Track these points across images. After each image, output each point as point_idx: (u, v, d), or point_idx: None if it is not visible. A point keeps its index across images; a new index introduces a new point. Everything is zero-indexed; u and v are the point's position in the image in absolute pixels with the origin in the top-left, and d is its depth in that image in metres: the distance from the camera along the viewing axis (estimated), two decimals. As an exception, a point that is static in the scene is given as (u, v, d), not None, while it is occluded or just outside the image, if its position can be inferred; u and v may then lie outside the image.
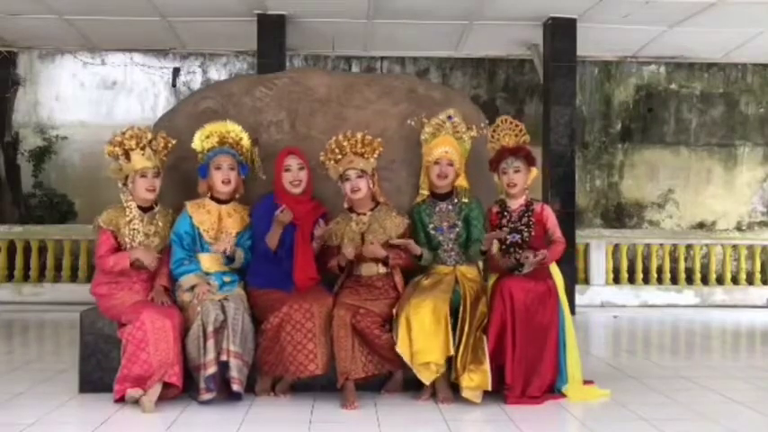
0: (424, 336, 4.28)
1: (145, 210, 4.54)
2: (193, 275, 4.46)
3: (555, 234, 4.68)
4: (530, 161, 4.70)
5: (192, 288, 4.42)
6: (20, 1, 8.88)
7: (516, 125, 4.76)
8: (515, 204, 4.69)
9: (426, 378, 4.33)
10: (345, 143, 4.60)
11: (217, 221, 4.57)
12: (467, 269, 4.65)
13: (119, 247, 4.48)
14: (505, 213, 4.67)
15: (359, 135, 4.62)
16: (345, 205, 4.70)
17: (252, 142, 4.80)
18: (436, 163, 4.65)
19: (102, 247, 4.48)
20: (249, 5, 8.97)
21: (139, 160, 4.45)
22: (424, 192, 4.76)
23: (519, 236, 4.60)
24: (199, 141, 4.66)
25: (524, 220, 4.64)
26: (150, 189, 4.48)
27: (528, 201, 4.71)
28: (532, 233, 4.61)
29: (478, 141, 4.92)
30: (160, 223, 4.56)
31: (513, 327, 4.36)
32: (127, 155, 4.46)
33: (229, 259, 4.52)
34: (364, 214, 4.65)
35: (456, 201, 4.69)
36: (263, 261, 4.57)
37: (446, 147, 4.65)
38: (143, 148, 4.46)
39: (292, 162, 4.64)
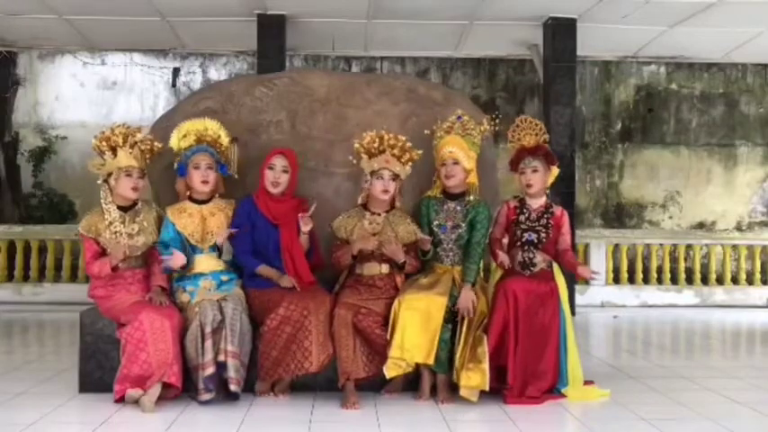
0: (406, 333, 4.30)
1: (126, 209, 4.48)
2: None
3: (566, 242, 4.68)
4: (549, 160, 4.69)
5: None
6: (20, 1, 8.87)
7: (536, 124, 4.74)
8: (536, 204, 4.69)
9: (389, 372, 4.34)
10: (387, 142, 4.57)
11: (200, 223, 4.53)
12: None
13: (104, 252, 4.43)
14: (524, 210, 4.66)
15: (402, 140, 4.60)
16: (360, 201, 4.69)
17: (230, 140, 4.74)
18: (443, 164, 4.65)
19: (87, 254, 4.46)
20: (249, 5, 8.97)
21: (125, 158, 4.38)
22: (437, 190, 4.75)
23: (535, 236, 4.60)
24: (176, 140, 4.62)
25: (543, 221, 4.63)
26: (134, 188, 4.42)
27: (548, 203, 4.71)
28: (549, 235, 4.61)
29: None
30: (145, 222, 4.50)
31: (515, 327, 4.36)
32: (113, 150, 4.40)
33: (220, 252, 4.51)
34: (379, 214, 4.62)
35: (466, 203, 4.66)
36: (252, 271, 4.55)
37: (451, 147, 4.64)
38: (132, 146, 4.41)
39: (277, 162, 4.60)
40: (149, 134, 4.70)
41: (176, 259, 4.38)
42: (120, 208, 4.46)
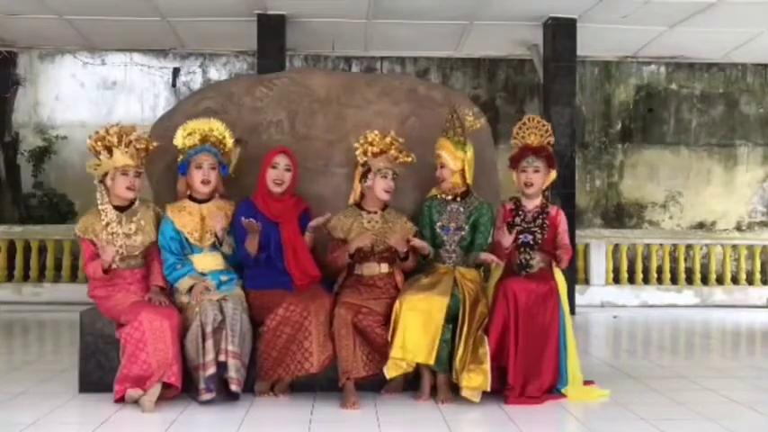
0: (408, 333, 4.30)
1: (122, 209, 4.47)
2: (188, 277, 4.43)
3: (563, 240, 4.66)
4: (550, 163, 4.69)
5: (191, 289, 4.40)
6: (20, 1, 8.87)
7: (543, 125, 4.74)
8: (531, 205, 4.68)
9: (390, 372, 4.34)
10: (390, 142, 4.61)
11: (200, 222, 4.52)
12: (466, 270, 4.64)
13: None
14: (520, 212, 4.66)
15: (401, 141, 4.65)
16: (351, 201, 4.69)
17: (234, 143, 4.73)
18: (436, 168, 4.67)
19: (85, 255, 4.47)
20: (249, 5, 8.97)
21: (121, 157, 4.37)
22: (439, 190, 4.77)
23: (531, 237, 4.59)
24: (180, 138, 4.60)
25: (539, 221, 4.63)
26: (130, 188, 4.41)
27: (543, 203, 4.70)
28: (545, 235, 4.61)
29: (480, 141, 4.92)
30: (142, 221, 4.48)
31: (515, 327, 4.35)
32: (109, 150, 4.38)
33: (220, 243, 4.50)
34: (375, 213, 4.63)
35: (469, 205, 4.66)
36: (254, 265, 4.55)
37: (438, 150, 4.66)
38: (127, 146, 4.39)
39: (281, 161, 4.60)
40: (149, 134, 4.71)
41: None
42: (116, 208, 4.45)
